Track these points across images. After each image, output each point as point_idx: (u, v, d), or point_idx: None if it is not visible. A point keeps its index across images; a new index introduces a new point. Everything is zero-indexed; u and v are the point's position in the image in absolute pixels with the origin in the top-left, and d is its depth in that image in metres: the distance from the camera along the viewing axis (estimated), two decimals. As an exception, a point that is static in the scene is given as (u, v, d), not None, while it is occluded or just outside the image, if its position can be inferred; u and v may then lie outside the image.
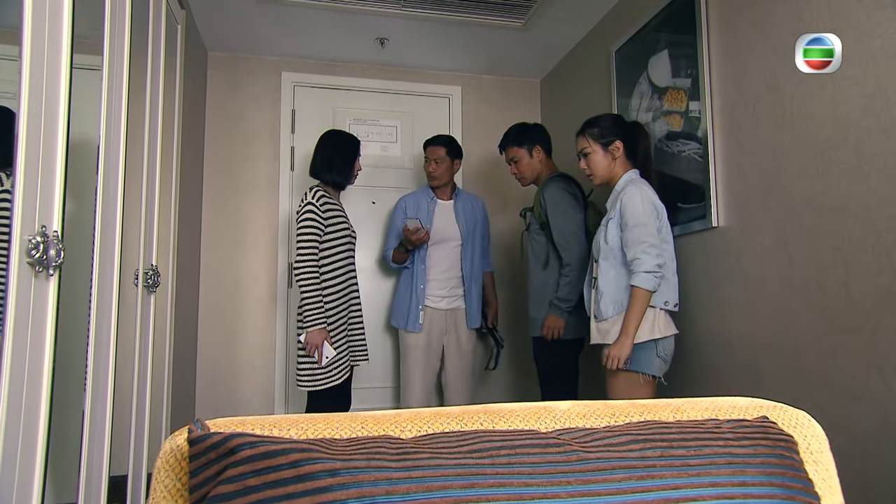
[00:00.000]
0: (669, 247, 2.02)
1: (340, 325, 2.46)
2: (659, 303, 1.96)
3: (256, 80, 3.37)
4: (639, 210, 1.96)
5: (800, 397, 1.62)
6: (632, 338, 1.91)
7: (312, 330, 2.33)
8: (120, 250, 1.63)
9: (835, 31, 1.61)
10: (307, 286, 2.35)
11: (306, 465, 0.62)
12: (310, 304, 2.35)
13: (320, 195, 2.45)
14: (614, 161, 2.13)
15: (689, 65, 2.22)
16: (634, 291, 1.91)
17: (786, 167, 1.78)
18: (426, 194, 2.91)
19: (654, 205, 1.99)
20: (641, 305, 1.91)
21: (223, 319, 3.21)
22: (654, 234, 1.95)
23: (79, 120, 1.30)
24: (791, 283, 1.75)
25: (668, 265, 2.00)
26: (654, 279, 1.91)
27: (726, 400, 0.88)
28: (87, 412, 1.48)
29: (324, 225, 2.42)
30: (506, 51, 3.33)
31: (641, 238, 1.93)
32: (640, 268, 1.91)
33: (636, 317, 1.90)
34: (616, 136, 2.12)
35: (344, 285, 2.49)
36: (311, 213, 2.40)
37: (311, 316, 2.34)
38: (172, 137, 2.40)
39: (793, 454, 0.75)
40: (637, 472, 0.68)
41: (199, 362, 3.15)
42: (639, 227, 1.95)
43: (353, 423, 0.76)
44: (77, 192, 1.55)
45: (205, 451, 0.65)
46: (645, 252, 1.92)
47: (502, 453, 0.67)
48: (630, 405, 0.86)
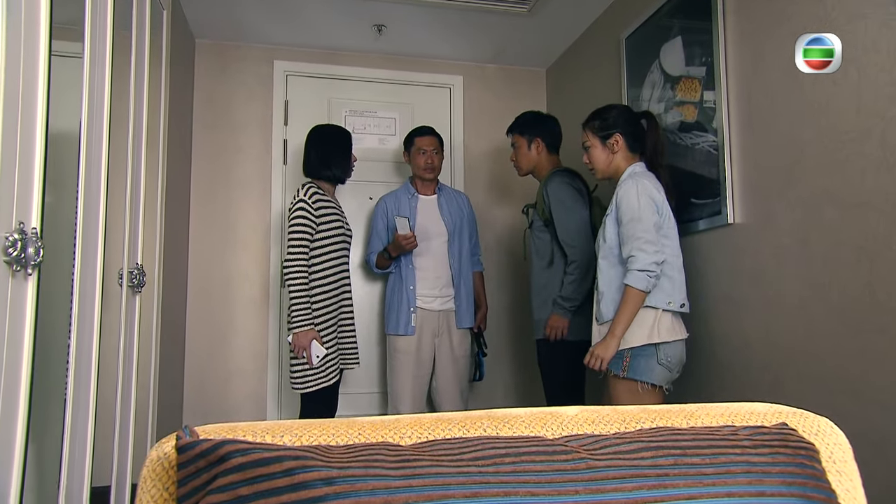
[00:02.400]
0: (672, 242, 2.01)
1: (330, 327, 2.48)
2: (661, 303, 1.94)
3: (247, 69, 3.37)
4: (634, 205, 1.95)
5: (821, 403, 1.62)
6: (618, 339, 1.92)
7: (299, 331, 2.38)
8: (103, 248, 1.63)
9: (859, 16, 1.61)
10: (295, 286, 2.39)
11: (301, 473, 0.62)
12: (297, 306, 2.39)
13: (312, 192, 2.47)
14: (613, 155, 2.13)
15: (703, 52, 2.22)
16: (626, 290, 1.92)
17: (806, 160, 1.78)
18: (406, 191, 2.91)
19: (651, 198, 1.97)
20: (633, 305, 1.91)
21: (212, 321, 3.21)
22: (651, 229, 1.93)
23: (58, 110, 1.30)
24: (811, 283, 1.75)
25: (672, 262, 1.98)
26: (648, 278, 1.90)
27: (743, 406, 0.88)
28: (68, 419, 1.48)
29: (315, 223, 2.46)
30: (510, 38, 3.32)
31: (636, 234, 1.93)
32: (634, 266, 1.91)
33: (626, 317, 1.91)
34: (615, 129, 2.12)
35: (335, 286, 2.51)
36: (303, 211, 2.43)
37: (298, 317, 2.38)
38: (158, 130, 2.40)
39: (814, 463, 0.75)
40: (649, 482, 0.68)
41: (187, 366, 3.15)
42: (633, 223, 1.94)
43: (350, 429, 0.76)
44: (57, 187, 1.55)
45: (194, 458, 0.65)
46: (640, 249, 1.91)
47: (507, 461, 0.67)
48: (641, 411, 0.86)
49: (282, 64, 3.41)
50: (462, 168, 3.57)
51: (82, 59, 1.53)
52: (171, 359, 2.79)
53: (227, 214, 3.28)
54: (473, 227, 2.98)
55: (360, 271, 3.33)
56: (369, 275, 3.33)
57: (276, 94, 3.39)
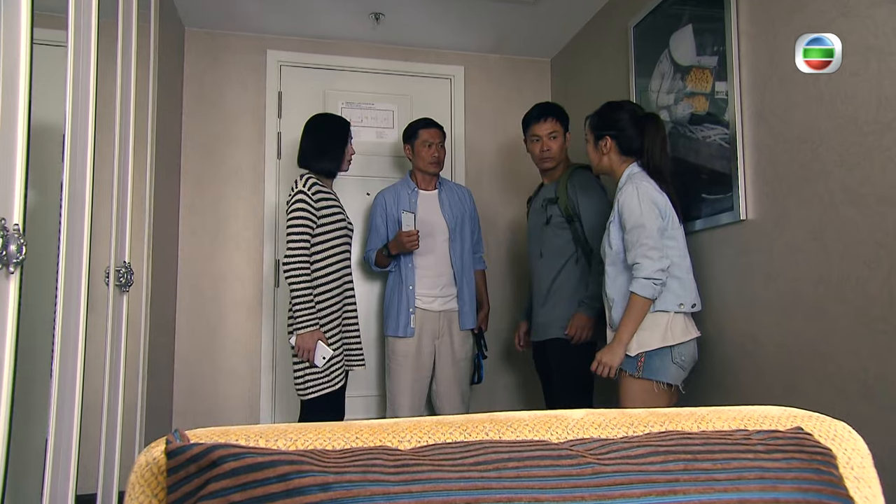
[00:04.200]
0: (678, 244, 2.05)
1: (335, 325, 2.45)
2: (672, 306, 1.99)
3: (239, 59, 3.37)
4: (636, 210, 2.00)
5: (838, 407, 1.62)
6: (624, 345, 1.98)
7: (303, 332, 2.33)
8: (89, 246, 1.63)
9: (880, 2, 1.60)
10: (297, 284, 2.34)
11: (296, 478, 0.62)
12: (301, 305, 2.34)
13: (312, 183, 2.43)
14: (604, 156, 2.19)
15: (715, 41, 2.21)
16: (632, 298, 1.98)
17: (823, 154, 1.77)
18: (406, 185, 2.90)
19: (653, 202, 2.01)
20: (638, 313, 1.97)
21: (203, 322, 3.21)
22: (654, 235, 1.98)
23: (41, 102, 1.30)
24: (828, 282, 1.75)
25: (679, 264, 2.03)
26: (654, 286, 1.95)
27: (756, 409, 0.88)
28: (52, 424, 1.48)
29: (316, 216, 2.42)
30: (513, 26, 3.32)
31: (640, 241, 1.98)
32: (640, 273, 1.96)
33: (631, 324, 1.97)
34: (608, 132, 2.16)
35: (339, 283, 2.48)
36: (303, 204, 2.39)
37: (303, 317, 2.33)
38: (147, 122, 2.39)
39: (831, 469, 0.75)
40: (658, 487, 0.68)
41: (176, 369, 3.15)
42: (637, 230, 1.99)
43: (347, 433, 0.76)
44: (40, 182, 1.55)
45: (184, 463, 0.65)
46: (645, 256, 1.96)
47: (510, 466, 0.67)
48: (650, 414, 0.86)
49: (275, 54, 3.41)
50: (463, 163, 3.57)
51: (66, 48, 1.52)
52: (160, 361, 2.79)
53: (218, 211, 3.28)
54: (476, 223, 2.98)
55: (358, 269, 3.33)
56: (369, 273, 3.33)
57: (270, 86, 3.39)
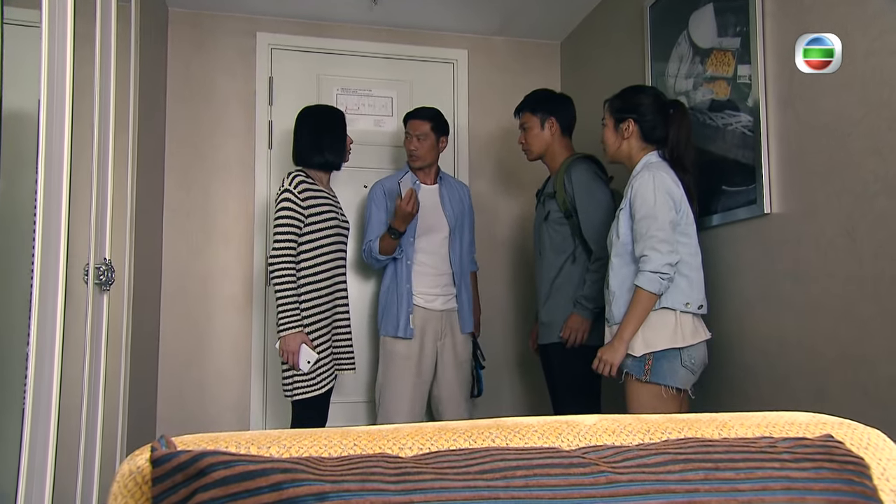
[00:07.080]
0: (690, 241, 2.06)
1: (323, 329, 2.50)
2: (678, 304, 2.00)
3: (227, 41, 3.37)
4: (650, 200, 2.01)
5: (871, 414, 1.62)
6: (626, 342, 1.99)
7: (286, 335, 2.39)
8: (66, 241, 1.63)
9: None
10: (281, 286, 2.41)
11: (290, 487, 0.62)
12: (284, 306, 2.40)
13: (299, 181, 2.48)
14: (624, 141, 2.19)
15: (738, 21, 2.21)
16: (636, 292, 1.99)
17: (855, 142, 1.77)
18: (410, 178, 2.88)
19: (669, 194, 2.02)
20: (642, 308, 1.98)
21: (190, 322, 3.22)
22: (666, 227, 1.99)
23: (13, 86, 1.30)
24: (860, 281, 1.74)
25: (690, 262, 2.04)
26: (661, 281, 1.96)
27: (782, 415, 0.88)
28: (27, 431, 1.48)
29: (303, 216, 2.47)
30: (520, 7, 3.31)
31: (650, 232, 1.99)
32: (646, 266, 1.97)
33: (635, 320, 1.99)
34: (631, 115, 2.16)
35: (328, 284, 2.52)
36: (288, 202, 2.45)
37: (285, 320, 2.39)
38: (128, 110, 2.40)
39: (864, 480, 0.75)
40: (677, 498, 0.68)
41: (161, 372, 3.16)
42: (648, 220, 2.00)
43: (345, 439, 0.76)
44: (13, 173, 1.55)
45: (170, 472, 0.65)
46: (653, 249, 1.97)
47: (518, 474, 0.67)
48: (668, 420, 0.86)
49: (265, 36, 3.40)
50: (466, 152, 3.57)
51: (40, 29, 1.52)
52: (143, 363, 2.79)
53: (205, 204, 3.29)
54: (472, 223, 2.99)
55: (353, 268, 3.33)
56: (363, 272, 3.34)
57: (260, 71, 3.38)
